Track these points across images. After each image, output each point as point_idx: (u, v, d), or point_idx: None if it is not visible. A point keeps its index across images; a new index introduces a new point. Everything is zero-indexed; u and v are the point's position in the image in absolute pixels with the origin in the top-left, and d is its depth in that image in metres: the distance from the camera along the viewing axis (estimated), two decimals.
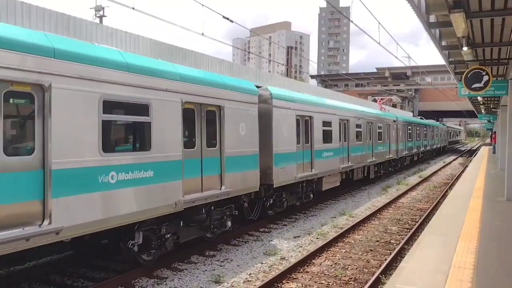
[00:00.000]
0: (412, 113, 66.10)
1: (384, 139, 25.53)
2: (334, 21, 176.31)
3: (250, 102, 11.50)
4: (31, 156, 6.19)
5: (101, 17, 24.69)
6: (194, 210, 9.56)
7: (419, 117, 51.64)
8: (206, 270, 9.32)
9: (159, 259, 9.24)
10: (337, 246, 11.30)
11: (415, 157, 36.70)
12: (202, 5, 14.42)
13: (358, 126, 20.72)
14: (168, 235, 9.04)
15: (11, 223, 5.85)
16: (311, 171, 15.30)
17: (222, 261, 9.93)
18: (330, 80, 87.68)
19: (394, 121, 28.11)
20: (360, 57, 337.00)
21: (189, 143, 9.35)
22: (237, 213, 11.41)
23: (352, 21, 15.21)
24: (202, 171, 9.64)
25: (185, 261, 9.84)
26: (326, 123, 16.67)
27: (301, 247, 11.21)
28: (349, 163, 19.13)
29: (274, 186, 12.96)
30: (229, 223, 10.92)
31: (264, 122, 12.55)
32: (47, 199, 6.27)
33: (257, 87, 12.57)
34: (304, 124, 14.96)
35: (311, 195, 16.01)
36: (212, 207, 10.23)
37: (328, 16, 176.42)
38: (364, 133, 21.60)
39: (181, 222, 9.39)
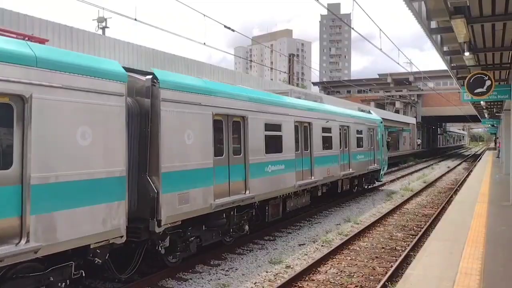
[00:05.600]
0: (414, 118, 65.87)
1: None
2: (335, 28, 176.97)
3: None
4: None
5: (103, 29, 24.87)
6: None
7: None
8: (211, 279, 9.28)
9: (165, 269, 9.21)
10: (343, 253, 11.26)
11: None
12: (204, 15, 14.51)
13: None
14: None
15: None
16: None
17: (227, 270, 9.90)
18: (332, 87, 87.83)
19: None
20: (365, 63, 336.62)
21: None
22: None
23: (353, 28, 15.24)
24: None
25: (190, 270, 9.80)
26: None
27: (306, 254, 11.17)
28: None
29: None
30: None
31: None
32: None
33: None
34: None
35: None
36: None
37: (329, 23, 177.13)
38: None
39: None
